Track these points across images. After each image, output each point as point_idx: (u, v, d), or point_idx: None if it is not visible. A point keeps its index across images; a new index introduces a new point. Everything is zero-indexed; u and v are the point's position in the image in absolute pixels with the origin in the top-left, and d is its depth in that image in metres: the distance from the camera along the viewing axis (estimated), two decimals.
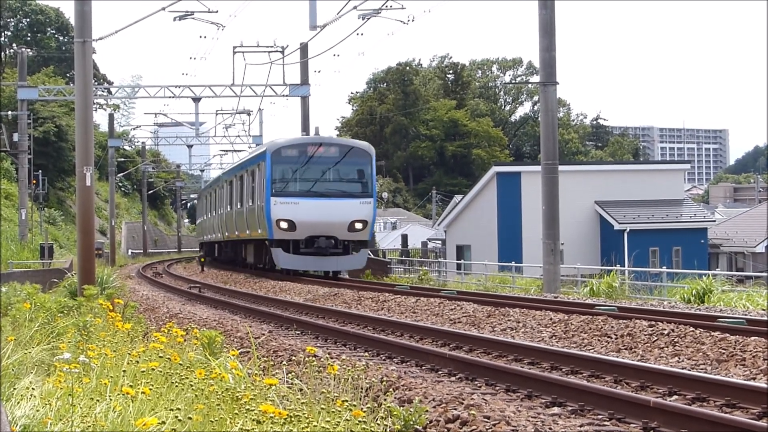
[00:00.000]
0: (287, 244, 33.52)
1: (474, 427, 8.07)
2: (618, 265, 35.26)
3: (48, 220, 64.54)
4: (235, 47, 43.17)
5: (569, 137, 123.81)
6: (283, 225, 33.21)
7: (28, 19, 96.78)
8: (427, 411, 8.21)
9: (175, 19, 35.50)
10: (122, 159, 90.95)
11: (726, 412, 8.80)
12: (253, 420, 5.71)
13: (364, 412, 6.19)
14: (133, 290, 30.76)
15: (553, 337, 15.05)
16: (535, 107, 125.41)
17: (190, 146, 73.39)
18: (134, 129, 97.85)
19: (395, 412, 7.68)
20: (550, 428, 8.12)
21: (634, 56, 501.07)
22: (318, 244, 33.24)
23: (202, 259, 53.39)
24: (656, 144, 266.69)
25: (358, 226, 33.58)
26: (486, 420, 8.17)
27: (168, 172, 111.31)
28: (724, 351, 12.25)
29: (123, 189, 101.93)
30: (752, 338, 12.53)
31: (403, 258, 59.04)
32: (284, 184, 34.00)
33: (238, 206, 40.42)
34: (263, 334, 15.30)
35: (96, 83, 76.80)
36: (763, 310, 19.66)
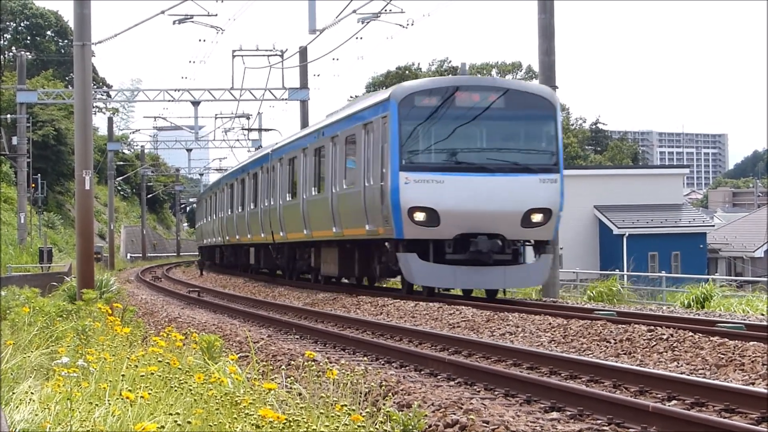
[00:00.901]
0: (425, 246, 22.02)
1: (473, 431, 8.07)
2: (617, 270, 35.24)
3: (47, 224, 64.52)
4: (234, 51, 43.21)
5: (568, 141, 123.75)
6: (419, 216, 21.75)
7: (27, 23, 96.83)
8: (426, 415, 8.21)
9: (174, 23, 35.67)
10: (121, 163, 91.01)
11: (725, 417, 8.80)
12: (252, 424, 5.71)
13: (363, 416, 6.19)
14: (132, 294, 30.74)
15: (552, 342, 15.04)
16: None
17: (189, 150, 73.60)
18: (133, 133, 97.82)
19: (394, 417, 7.68)
20: None
21: (634, 60, 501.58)
22: (476, 246, 21.66)
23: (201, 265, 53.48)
24: (655, 148, 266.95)
25: (537, 218, 22.18)
26: (485, 425, 8.17)
27: (167, 176, 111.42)
28: (723, 356, 12.25)
29: (122, 193, 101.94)
30: (751, 343, 12.53)
31: None
32: (420, 152, 22.28)
33: (314, 193, 28.47)
34: (262, 339, 15.29)
35: (95, 87, 76.79)
36: (762, 315, 19.67)
